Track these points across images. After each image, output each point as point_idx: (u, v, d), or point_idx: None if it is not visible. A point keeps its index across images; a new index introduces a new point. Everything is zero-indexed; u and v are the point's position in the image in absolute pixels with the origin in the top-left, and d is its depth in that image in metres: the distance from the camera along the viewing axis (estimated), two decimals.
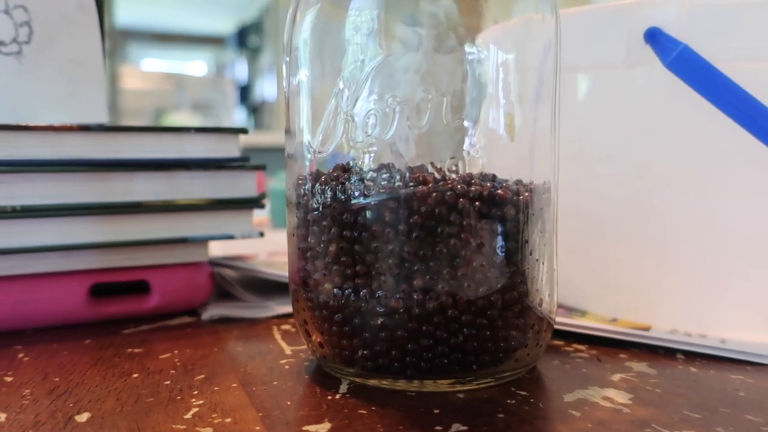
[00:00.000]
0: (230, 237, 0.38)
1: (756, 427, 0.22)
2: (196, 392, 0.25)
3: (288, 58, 0.28)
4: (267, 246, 0.51)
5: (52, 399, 0.25)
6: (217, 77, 3.83)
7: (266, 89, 3.49)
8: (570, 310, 0.35)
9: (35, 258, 0.34)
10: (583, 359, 0.29)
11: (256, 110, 3.66)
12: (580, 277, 0.35)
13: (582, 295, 0.35)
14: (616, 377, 0.27)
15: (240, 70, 3.81)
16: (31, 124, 0.33)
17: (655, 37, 0.29)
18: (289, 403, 0.24)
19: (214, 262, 0.42)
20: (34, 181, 0.33)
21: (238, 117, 3.63)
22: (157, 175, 0.36)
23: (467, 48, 0.25)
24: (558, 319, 0.32)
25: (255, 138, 2.54)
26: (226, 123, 3.21)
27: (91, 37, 0.38)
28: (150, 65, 4.10)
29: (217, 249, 0.48)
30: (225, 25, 3.94)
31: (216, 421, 0.23)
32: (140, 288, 0.37)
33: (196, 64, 4.35)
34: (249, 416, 0.23)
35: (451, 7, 0.25)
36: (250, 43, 3.68)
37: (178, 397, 0.25)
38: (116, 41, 2.98)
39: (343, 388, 0.26)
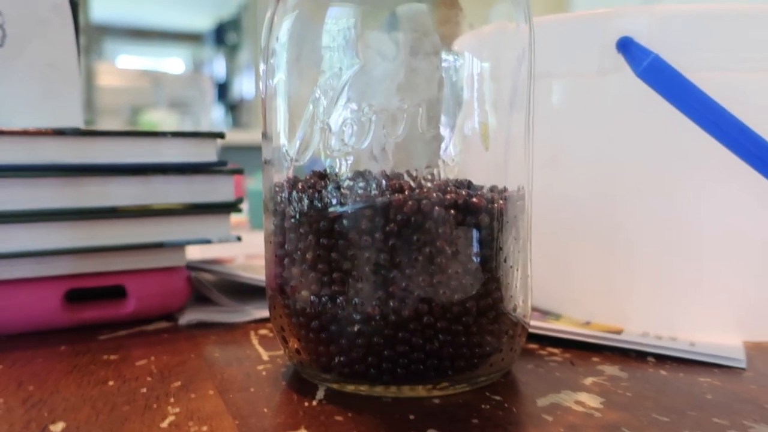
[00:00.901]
0: (207, 241, 0.38)
1: (722, 429, 0.22)
2: (172, 400, 0.25)
3: (265, 63, 0.28)
4: (245, 249, 0.51)
5: (27, 408, 0.25)
6: (194, 75, 3.80)
7: (244, 87, 3.47)
8: (545, 314, 0.36)
9: (9, 264, 0.34)
10: (556, 363, 0.29)
11: (234, 108, 3.64)
12: (555, 281, 0.36)
13: (556, 298, 0.36)
14: (589, 381, 0.27)
15: (218, 67, 3.78)
16: (5, 128, 0.33)
17: (626, 47, 0.30)
18: (266, 410, 0.24)
19: (192, 266, 0.42)
20: (8, 186, 0.33)
21: (216, 115, 3.60)
22: (133, 180, 0.36)
23: (443, 55, 0.25)
24: (533, 322, 0.33)
25: (233, 137, 2.52)
26: (204, 121, 3.18)
27: (66, 39, 0.37)
28: (126, 62, 4.05)
29: (195, 252, 0.48)
30: (202, 21, 3.91)
31: (192, 429, 0.23)
32: (116, 293, 0.37)
33: (173, 61, 4.31)
34: (226, 424, 0.23)
35: (428, 12, 0.26)
36: (228, 40, 3.65)
37: (155, 405, 0.25)
38: (91, 37, 2.94)
39: (320, 394, 0.26)
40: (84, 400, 0.25)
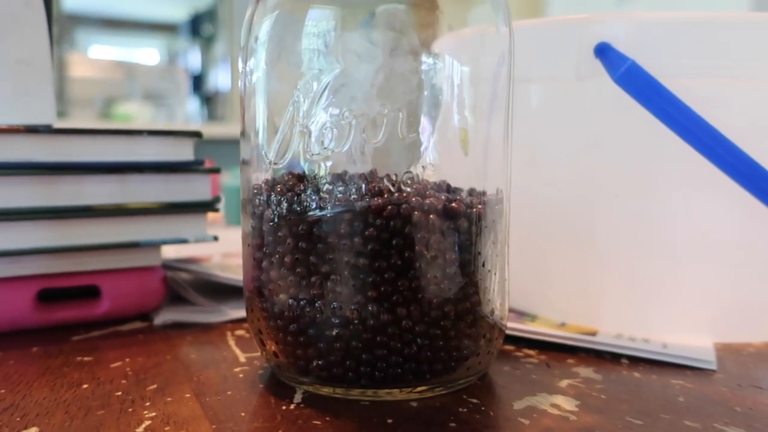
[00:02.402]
0: (184, 241, 0.38)
1: None
2: (148, 403, 0.25)
3: (244, 63, 0.28)
4: (221, 247, 0.51)
5: None
6: (169, 66, 3.74)
7: (220, 79, 3.43)
8: (521, 315, 0.36)
9: None
10: (532, 365, 0.30)
11: (209, 100, 3.59)
12: (531, 282, 0.36)
13: (532, 299, 0.36)
14: (564, 383, 0.27)
15: (193, 59, 3.73)
16: None
17: (604, 52, 0.30)
18: (243, 414, 0.24)
19: (168, 266, 0.41)
20: None
21: (191, 107, 3.56)
22: (109, 179, 0.35)
23: (423, 58, 0.25)
24: (509, 323, 0.33)
25: (208, 129, 2.49)
26: (179, 113, 3.14)
27: (39, 36, 0.36)
28: (99, 52, 3.98)
29: (170, 252, 0.48)
30: (177, 12, 3.85)
31: None
32: (90, 293, 0.36)
33: (147, 52, 4.24)
34: (203, 428, 0.23)
35: (406, 12, 0.26)
36: (204, 31, 3.61)
37: (130, 409, 0.25)
38: (63, 27, 2.89)
39: (298, 397, 0.26)
40: (57, 404, 0.25)
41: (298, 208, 0.25)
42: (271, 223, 0.26)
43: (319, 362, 0.25)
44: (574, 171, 0.34)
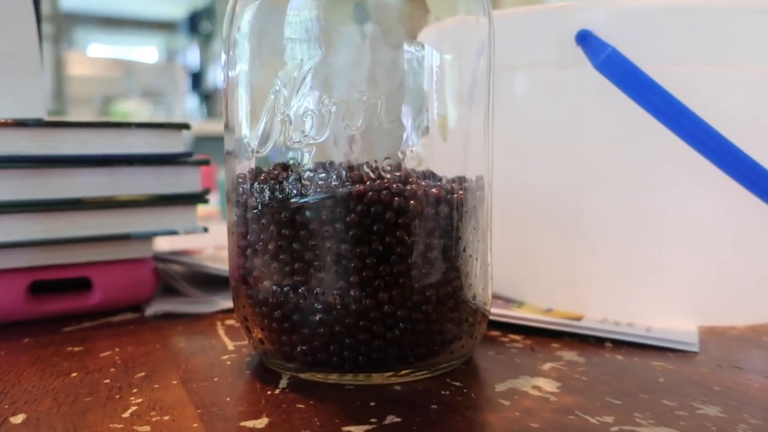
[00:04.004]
0: (174, 233, 0.38)
1: (670, 411, 0.23)
2: (135, 390, 0.26)
3: (226, 54, 0.28)
4: (214, 240, 0.51)
5: None
6: (167, 64, 3.74)
7: (219, 76, 3.43)
8: (508, 301, 0.36)
9: None
10: (517, 349, 0.30)
11: (208, 98, 3.60)
12: (518, 268, 0.37)
13: (519, 286, 0.37)
14: (547, 366, 0.28)
15: (192, 56, 3.73)
16: None
17: (585, 40, 0.30)
18: (228, 399, 0.25)
19: (159, 258, 0.42)
20: None
21: (190, 105, 3.56)
22: (99, 171, 0.36)
23: (405, 47, 0.26)
24: (495, 310, 0.34)
25: (207, 126, 2.50)
26: (178, 111, 3.14)
27: (28, 29, 0.37)
28: (97, 51, 3.98)
29: (164, 244, 0.48)
30: (176, 9, 3.85)
31: (154, 419, 0.23)
32: (82, 285, 0.37)
33: (145, 50, 4.24)
34: (187, 413, 0.23)
35: (396, 4, 0.26)
36: (202, 28, 3.61)
37: (117, 396, 0.25)
38: (61, 26, 2.89)
39: (283, 383, 0.26)
40: (46, 391, 0.25)
41: (281, 196, 0.25)
42: (254, 211, 0.26)
43: (304, 348, 0.26)
44: (559, 158, 0.34)
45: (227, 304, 0.38)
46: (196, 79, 3.64)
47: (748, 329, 0.33)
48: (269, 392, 0.25)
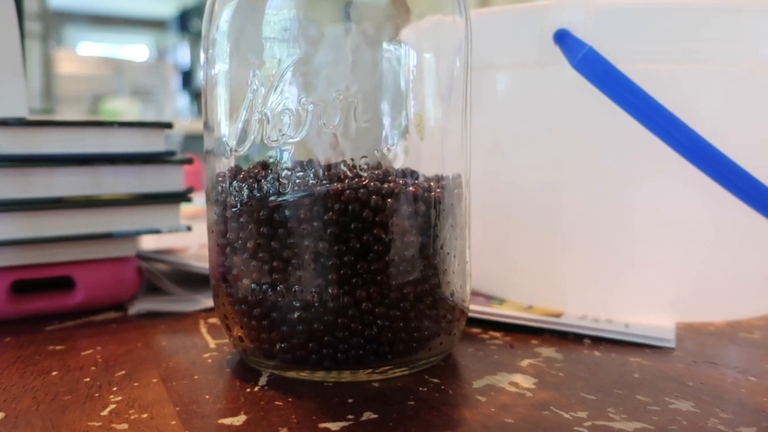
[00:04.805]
0: (157, 231, 0.38)
1: (644, 405, 0.23)
2: (115, 388, 0.26)
3: (205, 53, 0.28)
4: (199, 238, 0.51)
5: None
6: (158, 62, 3.73)
7: None
8: (489, 298, 0.37)
9: None
10: (496, 346, 0.30)
11: (198, 96, 3.58)
12: (499, 266, 0.37)
13: (500, 283, 0.37)
14: (525, 363, 0.28)
15: (182, 54, 3.72)
16: None
17: (563, 39, 0.31)
18: (207, 396, 0.25)
19: (142, 256, 0.42)
20: None
21: (181, 103, 3.55)
22: (80, 170, 0.36)
23: (384, 45, 0.26)
24: (475, 307, 0.34)
25: (198, 125, 2.49)
26: (168, 109, 3.13)
27: (8, 27, 0.37)
28: (87, 49, 3.96)
29: (149, 242, 0.48)
30: (166, 7, 3.84)
31: (133, 417, 0.23)
32: (64, 284, 0.37)
33: (136, 49, 4.23)
34: (166, 411, 0.23)
35: (380, 4, 0.26)
36: (193, 27, 3.59)
37: (97, 394, 0.25)
38: (50, 24, 2.87)
39: (263, 380, 0.26)
40: (25, 390, 0.26)
41: (259, 195, 0.25)
42: (233, 210, 0.26)
43: (283, 345, 0.26)
44: (538, 156, 0.35)
45: (211, 302, 0.38)
46: (187, 78, 3.63)
47: (726, 325, 0.34)
48: (248, 390, 0.25)
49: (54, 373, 0.27)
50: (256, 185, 0.26)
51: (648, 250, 0.33)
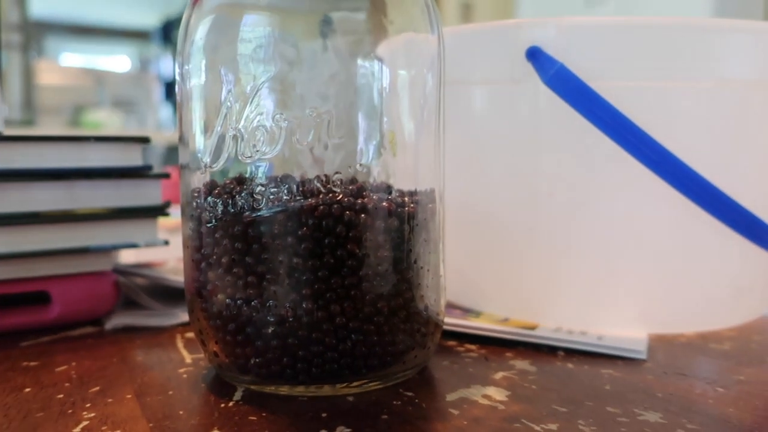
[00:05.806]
0: (134, 246, 0.38)
1: (613, 417, 0.24)
2: (88, 405, 0.26)
3: (180, 68, 0.28)
4: (178, 252, 0.51)
5: None
6: (140, 73, 3.71)
7: None
8: (466, 311, 0.37)
9: None
10: (471, 359, 0.31)
11: None
12: (475, 279, 0.37)
13: (477, 296, 0.37)
14: (499, 375, 0.28)
15: (165, 65, 3.71)
16: None
17: (535, 56, 0.31)
18: (181, 412, 0.25)
19: (119, 270, 0.42)
20: None
21: (163, 114, 3.53)
22: (57, 185, 0.36)
23: (359, 62, 0.26)
24: (451, 320, 0.34)
25: None
26: (150, 121, 3.11)
27: None
28: (69, 60, 3.94)
29: (129, 256, 0.48)
30: (149, 18, 3.83)
31: None
32: (40, 299, 0.36)
33: (118, 59, 4.21)
34: (139, 427, 0.23)
35: (360, 20, 0.27)
36: (175, 37, 3.59)
37: (69, 411, 0.25)
38: (31, 34, 2.85)
39: (238, 395, 0.26)
40: None
41: (233, 210, 0.26)
42: (208, 225, 0.26)
43: (258, 360, 0.26)
44: (513, 171, 0.35)
45: (188, 316, 0.38)
46: (170, 89, 3.62)
47: (697, 336, 0.34)
48: (223, 405, 0.25)
49: (27, 389, 0.27)
50: (230, 201, 0.26)
51: (621, 263, 0.34)
